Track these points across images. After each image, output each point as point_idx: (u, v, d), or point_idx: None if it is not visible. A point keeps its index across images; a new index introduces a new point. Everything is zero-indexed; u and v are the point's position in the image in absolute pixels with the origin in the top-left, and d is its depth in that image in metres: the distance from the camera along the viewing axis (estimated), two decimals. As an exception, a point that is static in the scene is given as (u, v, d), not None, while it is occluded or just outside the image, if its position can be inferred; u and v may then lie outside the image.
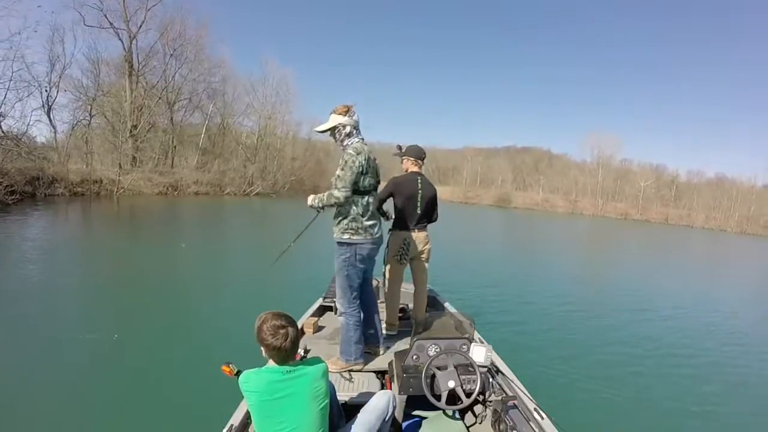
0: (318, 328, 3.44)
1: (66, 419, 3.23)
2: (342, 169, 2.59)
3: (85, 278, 7.43)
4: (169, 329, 5.24)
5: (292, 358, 1.74)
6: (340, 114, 2.66)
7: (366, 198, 2.71)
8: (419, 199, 3.26)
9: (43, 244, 9.78)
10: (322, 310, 3.90)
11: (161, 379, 3.91)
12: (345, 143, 2.68)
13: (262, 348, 1.73)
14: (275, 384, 1.68)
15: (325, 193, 2.68)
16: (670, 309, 8.28)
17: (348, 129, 2.68)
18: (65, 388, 3.65)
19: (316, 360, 1.83)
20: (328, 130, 2.70)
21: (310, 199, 2.77)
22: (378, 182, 2.84)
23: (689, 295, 9.70)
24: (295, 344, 1.72)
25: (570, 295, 8.73)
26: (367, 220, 2.71)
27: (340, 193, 2.59)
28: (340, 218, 2.71)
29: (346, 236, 2.69)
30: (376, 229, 2.78)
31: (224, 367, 1.94)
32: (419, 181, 3.30)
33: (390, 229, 3.35)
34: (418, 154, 3.38)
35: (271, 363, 1.77)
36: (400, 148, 3.45)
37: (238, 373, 1.90)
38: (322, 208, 2.75)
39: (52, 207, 16.35)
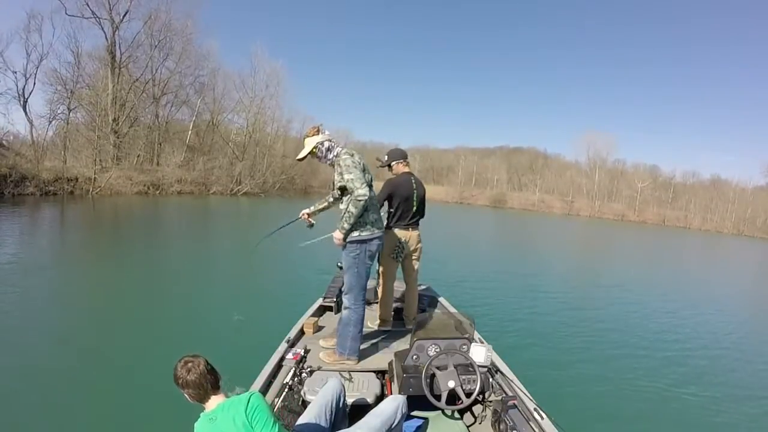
0: (318, 328, 3.41)
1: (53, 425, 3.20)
2: (349, 172, 2.64)
3: (52, 289, 6.70)
4: (162, 338, 4.85)
5: (212, 391, 1.63)
6: (313, 136, 2.79)
7: (370, 192, 2.77)
8: (415, 199, 3.40)
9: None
10: (322, 310, 3.89)
11: (151, 386, 3.64)
12: (329, 157, 2.80)
13: (184, 394, 1.64)
14: None
15: (347, 207, 2.64)
16: (669, 310, 8.35)
17: (327, 144, 2.79)
18: (51, 397, 3.56)
19: (242, 396, 1.64)
20: (309, 153, 2.81)
21: (338, 233, 2.71)
22: (372, 179, 2.87)
23: (688, 296, 9.85)
24: (211, 373, 1.63)
25: (570, 295, 8.81)
26: (371, 214, 2.77)
27: (363, 191, 2.61)
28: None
29: (355, 233, 2.73)
30: (381, 223, 2.86)
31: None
32: (413, 181, 3.44)
33: (386, 227, 3.42)
34: (403, 155, 3.55)
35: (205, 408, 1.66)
36: (380, 160, 3.58)
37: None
38: (352, 227, 2.70)
39: (19, 208, 15.05)
